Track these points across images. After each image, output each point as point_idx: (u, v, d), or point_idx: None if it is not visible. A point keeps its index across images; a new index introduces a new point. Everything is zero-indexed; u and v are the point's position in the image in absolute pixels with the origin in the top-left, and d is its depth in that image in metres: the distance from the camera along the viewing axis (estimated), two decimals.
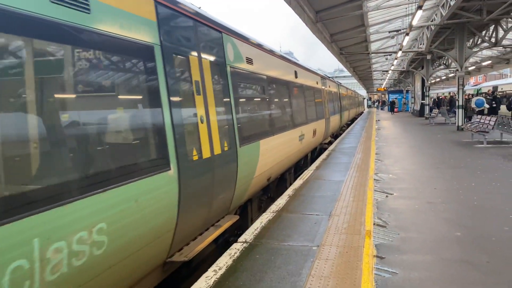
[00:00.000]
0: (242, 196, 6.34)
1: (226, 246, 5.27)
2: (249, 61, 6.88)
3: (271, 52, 8.72)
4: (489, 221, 5.57)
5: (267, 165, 7.36)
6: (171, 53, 4.24)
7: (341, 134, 21.63)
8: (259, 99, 7.79)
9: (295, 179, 10.11)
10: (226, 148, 5.39)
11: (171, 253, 4.33)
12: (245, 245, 4.83)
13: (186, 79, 4.62)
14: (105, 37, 3.28)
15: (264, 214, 6.17)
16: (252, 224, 6.02)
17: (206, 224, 5.14)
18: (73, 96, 3.14)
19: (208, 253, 5.63)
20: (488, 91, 24.33)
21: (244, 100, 6.74)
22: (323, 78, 16.79)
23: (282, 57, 9.82)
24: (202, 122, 4.77)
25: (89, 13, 3.10)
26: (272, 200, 7.96)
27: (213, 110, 5.13)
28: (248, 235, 5.18)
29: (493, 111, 19.92)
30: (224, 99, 5.67)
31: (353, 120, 37.15)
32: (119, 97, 3.73)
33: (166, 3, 4.29)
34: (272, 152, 7.67)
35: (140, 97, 3.90)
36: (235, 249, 4.69)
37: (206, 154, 4.75)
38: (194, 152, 4.51)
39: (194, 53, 4.79)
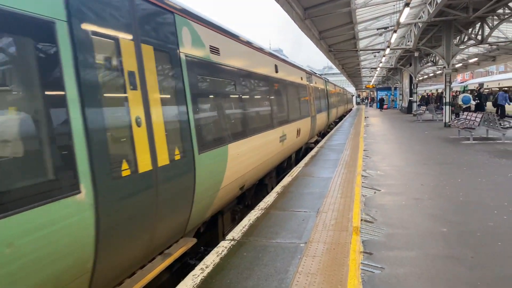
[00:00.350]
0: (204, 212, 5.26)
1: (185, 272, 4.60)
2: (215, 50, 5.71)
3: (245, 42, 7.53)
4: (474, 217, 5.64)
5: (239, 172, 6.37)
6: (87, 34, 3.14)
7: (328, 132, 21.64)
8: (228, 96, 6.50)
9: (277, 182, 9.32)
10: (177, 157, 4.28)
11: None
12: (232, 242, 4.82)
13: (113, 68, 3.48)
14: None
15: (252, 211, 6.17)
16: (224, 236, 5.43)
17: (148, 254, 4.05)
18: None
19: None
20: (476, 88, 24.59)
21: (206, 97, 5.50)
22: (309, 74, 16.02)
23: (259, 49, 8.67)
24: (138, 126, 3.62)
25: None
26: (249, 209, 7.04)
27: (158, 109, 3.99)
28: (236, 232, 5.18)
29: (479, 108, 20.12)
30: (177, 96, 4.49)
31: (342, 118, 37.30)
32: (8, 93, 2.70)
33: None
34: (245, 157, 6.63)
35: (37, 92, 2.76)
36: (223, 247, 4.68)
37: (144, 166, 3.65)
38: (124, 166, 3.41)
39: (128, 36, 3.64)
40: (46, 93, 2.82)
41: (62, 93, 2.85)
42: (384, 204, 6.44)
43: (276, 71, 9.96)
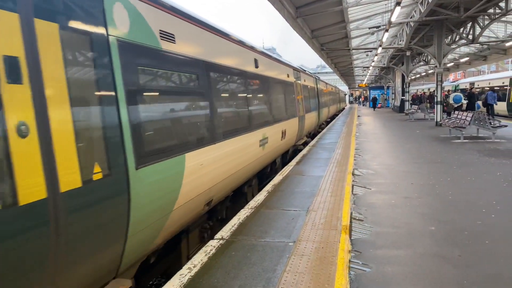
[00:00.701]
0: (147, 243, 4.15)
1: None
2: (168, 37, 4.60)
3: (215, 30, 6.32)
4: (462, 215, 5.67)
5: (203, 185, 5.29)
6: None
7: (319, 132, 21.56)
8: (188, 93, 5.27)
9: (259, 190, 8.70)
10: (96, 176, 3.15)
11: None
12: (221, 242, 4.80)
13: None
14: None
15: (242, 210, 6.15)
16: (189, 259, 4.62)
17: None
18: None
19: None
20: (471, 88, 24.59)
21: (154, 94, 4.33)
22: (297, 70, 14.69)
23: (236, 41, 7.51)
24: (22, 136, 2.54)
25: None
26: (223, 223, 6.63)
27: (63, 111, 2.90)
28: (225, 231, 5.15)
29: (470, 107, 20.22)
30: (100, 92, 3.35)
31: (334, 117, 37.38)
32: None
33: None
34: (212, 167, 5.53)
35: None
36: (211, 246, 4.66)
37: (31, 195, 2.56)
38: None
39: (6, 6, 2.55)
40: None
41: None
42: (374, 202, 6.46)
43: (256, 66, 8.81)
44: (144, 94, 4.05)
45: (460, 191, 7.03)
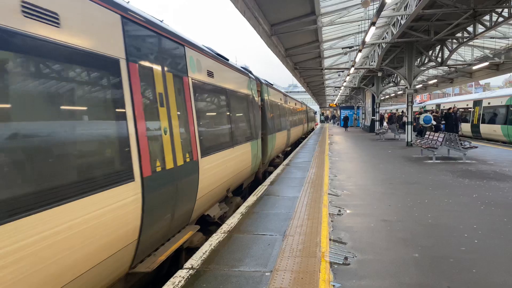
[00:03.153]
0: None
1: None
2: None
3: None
4: (445, 241, 5.43)
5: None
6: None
7: (290, 151, 21.21)
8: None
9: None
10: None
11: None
12: (191, 271, 4.35)
13: None
14: None
15: (214, 235, 5.71)
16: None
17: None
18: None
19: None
20: (448, 108, 24.71)
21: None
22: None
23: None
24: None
25: None
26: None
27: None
28: (195, 260, 4.70)
29: (449, 129, 19.66)
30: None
31: (305, 136, 37.40)
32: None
33: None
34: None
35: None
36: (180, 277, 4.20)
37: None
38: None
39: None
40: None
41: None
42: (352, 226, 6.16)
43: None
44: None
45: (439, 214, 6.84)
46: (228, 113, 8.13)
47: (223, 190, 7.73)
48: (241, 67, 10.74)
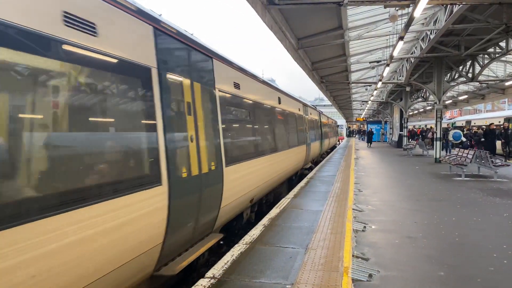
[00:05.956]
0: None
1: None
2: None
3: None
4: (472, 260, 5.28)
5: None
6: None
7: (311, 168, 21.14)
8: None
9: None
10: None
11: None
12: (212, 281, 4.38)
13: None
14: None
15: (236, 245, 5.74)
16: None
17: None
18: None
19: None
20: (489, 124, 23.73)
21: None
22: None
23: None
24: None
25: None
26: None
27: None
28: (217, 269, 4.73)
29: (490, 147, 18.78)
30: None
31: (333, 148, 37.10)
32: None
33: None
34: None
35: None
36: (201, 285, 4.24)
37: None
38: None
39: None
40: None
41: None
42: (376, 242, 6.06)
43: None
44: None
45: (467, 232, 6.65)
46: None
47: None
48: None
